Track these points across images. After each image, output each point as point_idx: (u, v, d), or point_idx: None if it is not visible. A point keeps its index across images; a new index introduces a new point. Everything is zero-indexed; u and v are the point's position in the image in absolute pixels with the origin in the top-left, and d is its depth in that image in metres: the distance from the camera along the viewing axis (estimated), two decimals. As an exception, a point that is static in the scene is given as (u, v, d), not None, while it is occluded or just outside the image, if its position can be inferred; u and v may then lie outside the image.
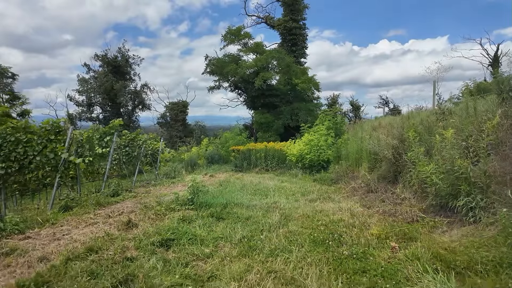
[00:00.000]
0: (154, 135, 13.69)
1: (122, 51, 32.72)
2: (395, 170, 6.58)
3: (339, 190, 8.08)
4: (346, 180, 8.93)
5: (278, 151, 14.36)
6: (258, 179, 11.17)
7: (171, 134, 36.79)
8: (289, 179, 11.26)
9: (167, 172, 13.60)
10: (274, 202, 6.05)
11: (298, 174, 11.97)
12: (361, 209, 5.60)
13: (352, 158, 9.36)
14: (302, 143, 13.03)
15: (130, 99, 35.28)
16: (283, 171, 13.45)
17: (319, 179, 10.34)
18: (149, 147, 13.50)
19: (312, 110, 23.59)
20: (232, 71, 21.04)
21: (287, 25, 25.87)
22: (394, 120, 10.07)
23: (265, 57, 20.69)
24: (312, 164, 12.05)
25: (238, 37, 22.99)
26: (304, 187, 8.82)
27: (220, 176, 13.18)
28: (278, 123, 22.31)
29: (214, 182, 10.75)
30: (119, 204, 7.11)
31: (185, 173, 14.10)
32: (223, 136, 20.34)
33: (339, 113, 21.21)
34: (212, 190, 7.48)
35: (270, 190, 7.99)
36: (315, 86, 23.18)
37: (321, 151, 11.98)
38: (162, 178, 12.89)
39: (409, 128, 6.38)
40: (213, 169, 15.40)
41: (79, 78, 29.23)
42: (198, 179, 6.82)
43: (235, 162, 14.95)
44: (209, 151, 17.80)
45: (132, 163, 11.28)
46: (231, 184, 9.47)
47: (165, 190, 9.31)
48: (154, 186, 10.76)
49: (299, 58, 27.00)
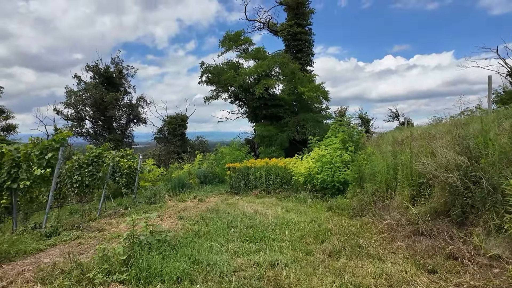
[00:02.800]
0: (131, 151, 11.53)
1: (116, 62, 31.24)
2: (464, 203, 4.24)
3: (368, 229, 5.73)
4: (374, 211, 6.57)
5: (282, 169, 12.06)
6: (256, 206, 8.85)
7: (169, 150, 34.77)
8: (295, 206, 8.92)
9: (149, 195, 11.32)
10: (272, 263, 3.69)
11: (307, 198, 9.61)
12: (425, 280, 3.22)
13: (382, 181, 7.02)
14: (311, 159, 10.74)
15: (124, 112, 33.55)
16: (288, 194, 11.10)
17: (336, 207, 7.99)
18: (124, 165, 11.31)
19: (321, 122, 21.43)
20: (230, 78, 19.08)
21: (291, 30, 24.13)
22: (434, 129, 7.77)
23: (267, 62, 18.73)
24: (324, 186, 9.71)
25: (237, 43, 21.18)
26: (317, 221, 6.48)
27: (211, 201, 10.89)
28: (282, 136, 20.10)
29: (198, 212, 8.46)
30: (43, 253, 4.86)
31: (169, 196, 11.81)
32: (219, 151, 18.14)
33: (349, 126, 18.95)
34: (180, 235, 5.12)
35: (269, 229, 5.65)
36: (323, 95, 21.05)
37: (336, 170, 9.66)
38: (141, 203, 10.66)
39: (485, 138, 4.09)
40: (205, 191, 13.11)
41: (67, 89, 27.57)
42: (154, 215, 4.51)
43: (231, 182, 12.67)
44: (202, 169, 15.55)
45: (97, 186, 9.07)
46: (218, 216, 7.16)
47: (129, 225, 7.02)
48: (122, 217, 8.51)
49: (304, 65, 25.10)
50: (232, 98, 26.01)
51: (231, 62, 20.90)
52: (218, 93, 23.02)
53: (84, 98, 27.87)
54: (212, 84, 22.25)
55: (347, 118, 12.85)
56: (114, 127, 31.94)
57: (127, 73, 31.61)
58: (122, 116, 33.44)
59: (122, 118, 33.46)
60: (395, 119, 37.70)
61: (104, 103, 27.37)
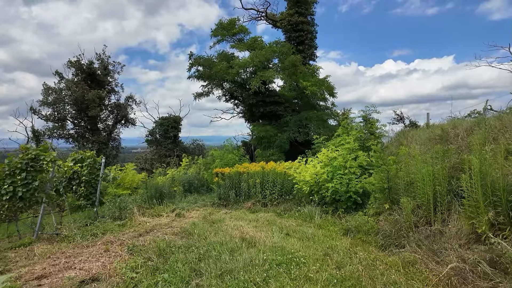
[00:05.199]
0: (91, 153, 9.36)
1: (102, 58, 29.14)
2: None
3: (418, 274, 3.59)
4: (419, 240, 4.43)
5: (282, 176, 9.90)
6: (245, 227, 6.70)
7: (160, 154, 32.64)
8: (299, 226, 6.77)
9: (113, 209, 9.15)
10: None
11: (314, 214, 7.44)
12: None
13: (425, 193, 4.87)
14: (318, 163, 8.60)
15: (111, 113, 31.44)
16: (289, 206, 8.93)
17: (356, 229, 5.84)
18: (83, 171, 9.16)
19: (326, 121, 19.24)
20: (222, 71, 16.93)
21: (292, 19, 22.07)
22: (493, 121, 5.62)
23: (264, 52, 16.61)
24: (336, 198, 7.56)
25: (231, 31, 19.08)
26: (334, 256, 4.33)
27: (191, 216, 8.77)
28: (282, 137, 17.93)
29: (167, 235, 6.32)
30: None
31: (142, 209, 9.63)
32: (210, 154, 15.99)
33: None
34: None
35: (258, 280, 3.48)
36: (329, 90, 18.88)
37: (351, 177, 7.52)
38: (103, 219, 8.53)
39: None
40: (188, 202, 10.91)
41: (44, 87, 25.38)
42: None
43: (219, 191, 10.49)
44: (187, 175, 13.37)
45: (34, 199, 6.90)
46: (186, 246, 4.99)
47: (67, 256, 4.85)
48: (66, 241, 6.40)
49: (307, 59, 22.99)
50: (226, 96, 23.90)
51: (224, 53, 18.78)
52: (210, 89, 20.88)
53: (64, 96, 25.71)
54: (203, 79, 20.11)
55: (352, 119, 10.71)
56: (99, 129, 29.80)
57: (113, 69, 29.51)
58: (109, 117, 31.37)
59: (108, 119, 31.38)
60: (400, 121, 35.67)
61: (86, 101, 25.20)
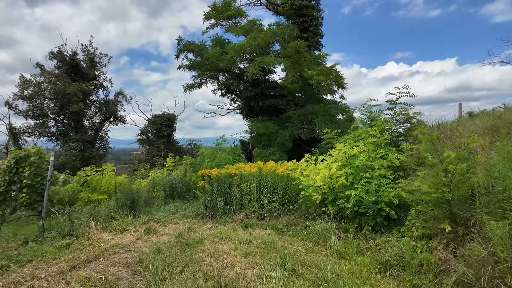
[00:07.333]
0: (37, 149, 7.30)
1: (88, 49, 27.12)
2: None
3: None
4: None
5: (284, 179, 7.80)
6: (231, 255, 4.64)
7: (152, 154, 30.65)
8: (310, 255, 4.70)
9: (63, 223, 7.07)
10: None
11: (329, 233, 5.36)
12: None
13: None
14: (332, 162, 6.50)
15: (99, 109, 29.43)
16: (293, 220, 6.85)
17: (401, 263, 3.77)
18: (25, 172, 7.12)
19: (333, 116, 17.15)
20: (215, 57, 14.86)
21: (295, 2, 20.02)
22: None
23: (263, 35, 14.54)
24: (360, 211, 5.48)
25: (226, 13, 17.02)
26: None
27: (164, 233, 6.73)
28: (283, 134, 15.85)
29: (112, 269, 4.28)
30: None
31: (106, 222, 7.55)
32: (199, 153, 13.94)
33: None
34: None
35: None
36: (337, 80, 16.76)
37: (381, 181, 5.44)
38: (50, 235, 6.55)
39: None
40: (167, 212, 8.84)
41: (21, 79, 23.33)
42: None
43: (204, 199, 8.42)
44: (169, 178, 11.29)
45: None
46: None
47: None
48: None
49: (311, 48, 20.92)
50: (222, 90, 21.87)
51: (218, 38, 16.75)
52: (203, 81, 18.82)
53: (43, 90, 23.65)
54: (194, 69, 18.07)
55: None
56: (85, 126, 27.74)
57: (100, 61, 27.45)
58: (96, 114, 29.35)
59: (95, 116, 29.36)
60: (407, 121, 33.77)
61: (67, 95, 23.16)
